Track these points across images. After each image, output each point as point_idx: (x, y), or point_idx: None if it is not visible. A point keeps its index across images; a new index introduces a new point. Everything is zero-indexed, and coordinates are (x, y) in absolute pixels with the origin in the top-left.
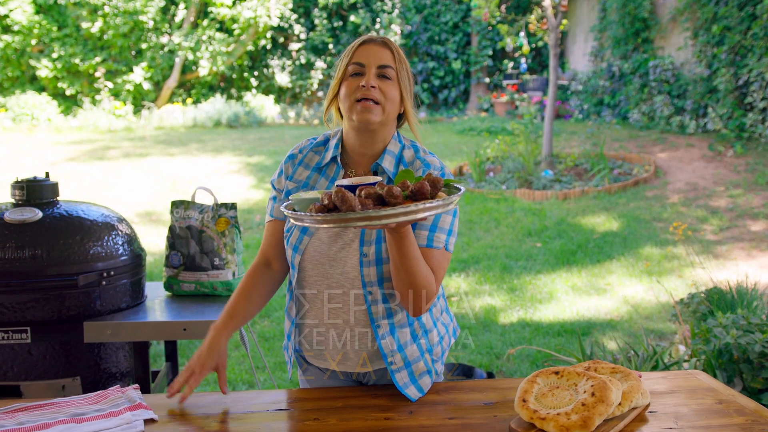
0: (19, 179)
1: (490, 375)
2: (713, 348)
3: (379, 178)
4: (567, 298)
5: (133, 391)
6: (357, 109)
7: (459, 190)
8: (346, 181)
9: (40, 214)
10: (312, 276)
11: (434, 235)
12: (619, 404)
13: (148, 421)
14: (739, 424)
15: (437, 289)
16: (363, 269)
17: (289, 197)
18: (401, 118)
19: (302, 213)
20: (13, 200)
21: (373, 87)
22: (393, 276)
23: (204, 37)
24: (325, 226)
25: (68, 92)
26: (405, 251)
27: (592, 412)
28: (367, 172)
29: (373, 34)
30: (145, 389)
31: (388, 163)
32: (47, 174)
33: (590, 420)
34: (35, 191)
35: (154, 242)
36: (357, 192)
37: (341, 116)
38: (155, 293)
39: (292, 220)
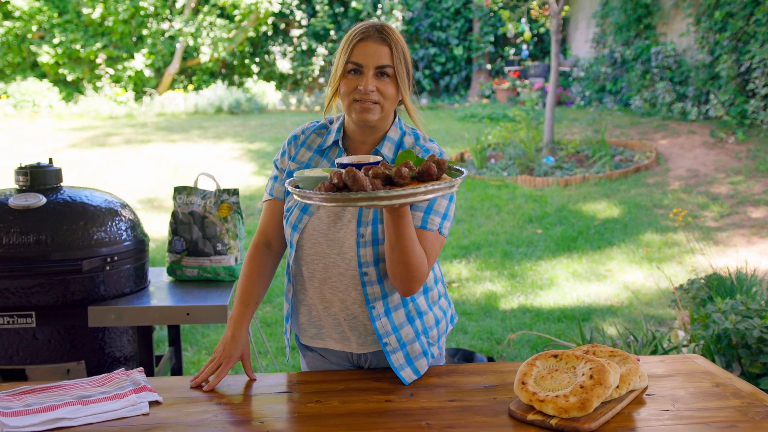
0: (23, 165)
1: (491, 360)
2: (712, 333)
3: (379, 158)
4: (567, 284)
5: (137, 374)
6: (356, 109)
7: (461, 172)
8: (346, 159)
9: (44, 200)
10: (310, 255)
11: (429, 217)
12: (617, 387)
13: (153, 403)
14: (736, 407)
15: (428, 271)
16: (359, 249)
17: (293, 175)
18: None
19: (310, 191)
20: (17, 186)
21: (371, 90)
22: (387, 254)
23: (205, 24)
24: (332, 204)
25: (69, 78)
26: (402, 231)
27: (590, 395)
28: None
29: (371, 25)
30: (149, 373)
31: (387, 150)
32: (51, 160)
33: (588, 402)
34: (39, 177)
35: (156, 228)
36: (363, 171)
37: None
38: (158, 278)
39: (297, 197)
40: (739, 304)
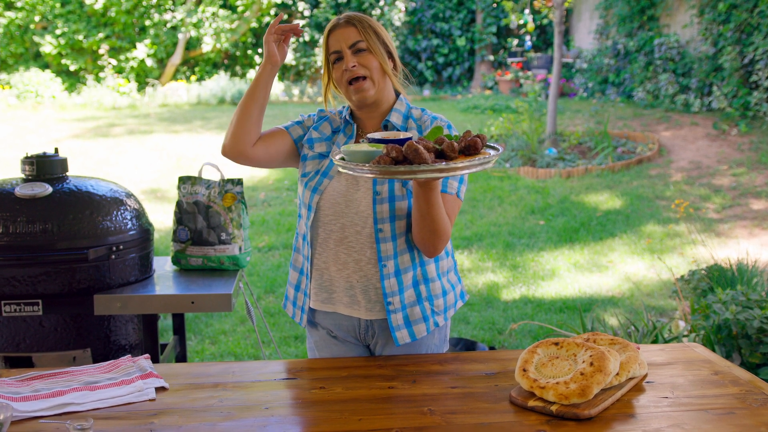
0: (29, 155)
1: (492, 349)
2: (712, 323)
3: (410, 134)
4: (569, 275)
5: (144, 361)
6: (352, 91)
7: (497, 149)
8: (377, 135)
9: (50, 189)
10: (328, 216)
11: (448, 181)
12: (617, 374)
13: (159, 389)
14: (734, 394)
15: (450, 232)
16: (376, 206)
17: (341, 149)
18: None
19: (365, 164)
20: (23, 175)
21: (353, 66)
22: (416, 222)
23: (207, 14)
24: (390, 177)
25: (72, 69)
26: (433, 201)
27: (590, 381)
28: (377, 129)
29: (337, 17)
30: (154, 361)
31: (396, 119)
32: (56, 150)
33: (588, 389)
34: (45, 166)
35: (159, 219)
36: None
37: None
38: (163, 268)
39: (342, 170)
40: (739, 294)
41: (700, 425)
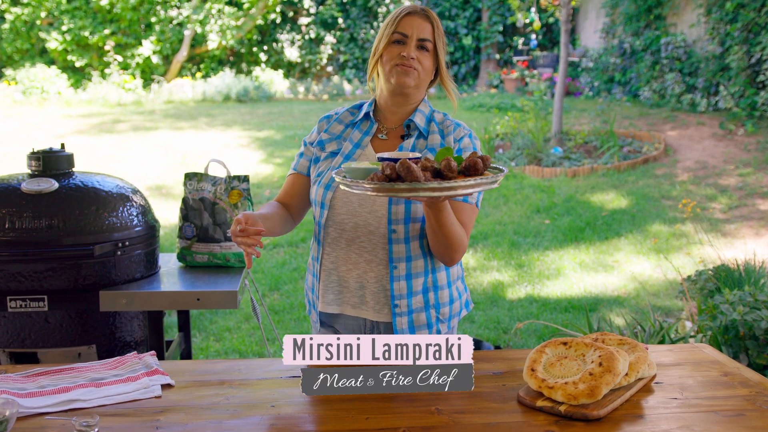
0: (35, 150)
1: (498, 348)
2: (719, 324)
3: (419, 154)
4: (574, 274)
5: (149, 357)
6: (396, 72)
7: (501, 170)
8: (386, 154)
9: (56, 185)
10: (341, 214)
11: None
12: (626, 375)
13: (165, 386)
14: (743, 396)
15: (467, 241)
16: (391, 207)
17: (342, 166)
18: (431, 83)
19: (360, 180)
20: (29, 171)
21: (412, 58)
22: (429, 237)
23: (213, 11)
24: (383, 195)
25: (77, 65)
26: (443, 221)
27: (599, 382)
28: (398, 127)
29: (415, 5)
30: (160, 358)
31: (419, 119)
32: (63, 145)
33: (597, 389)
34: (51, 162)
35: (164, 215)
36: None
37: (377, 75)
38: (168, 264)
39: (343, 187)
40: (746, 295)
41: (709, 427)
